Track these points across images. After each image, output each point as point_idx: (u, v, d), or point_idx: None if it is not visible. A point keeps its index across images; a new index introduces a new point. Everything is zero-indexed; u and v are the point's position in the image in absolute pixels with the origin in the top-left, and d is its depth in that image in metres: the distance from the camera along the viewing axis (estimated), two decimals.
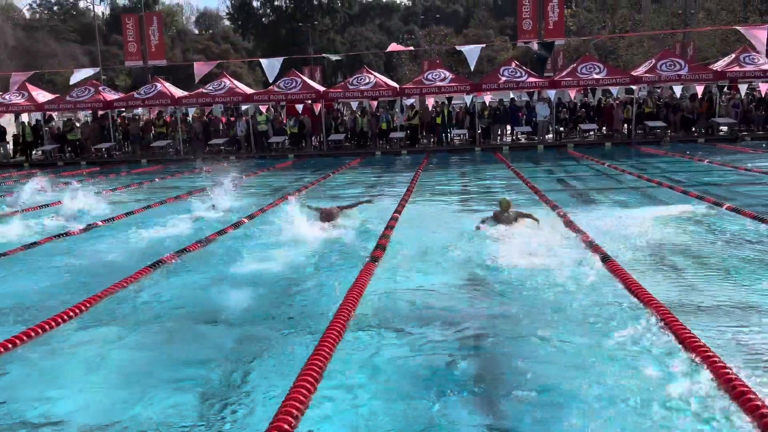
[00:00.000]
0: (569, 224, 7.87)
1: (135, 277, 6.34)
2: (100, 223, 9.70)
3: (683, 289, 5.34)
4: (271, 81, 23.24)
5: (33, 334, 4.84)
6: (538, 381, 3.71)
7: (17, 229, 9.10)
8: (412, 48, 34.60)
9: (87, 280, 6.49)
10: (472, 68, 26.41)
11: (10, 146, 25.12)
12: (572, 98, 25.17)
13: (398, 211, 9.48)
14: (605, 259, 6.07)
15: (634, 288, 5.14)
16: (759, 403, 3.19)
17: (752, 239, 6.91)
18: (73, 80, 24.04)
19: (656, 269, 5.94)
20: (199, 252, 7.55)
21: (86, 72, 26.05)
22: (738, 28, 22.55)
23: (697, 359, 3.74)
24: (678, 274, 5.78)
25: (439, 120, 23.02)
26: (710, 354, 3.75)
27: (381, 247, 7.13)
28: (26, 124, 24.89)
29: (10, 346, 4.59)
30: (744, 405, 3.22)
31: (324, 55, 33.16)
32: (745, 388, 3.33)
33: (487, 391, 3.68)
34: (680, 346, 3.99)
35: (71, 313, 5.27)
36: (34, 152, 24.70)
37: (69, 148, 24.60)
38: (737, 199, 9.40)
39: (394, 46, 25.68)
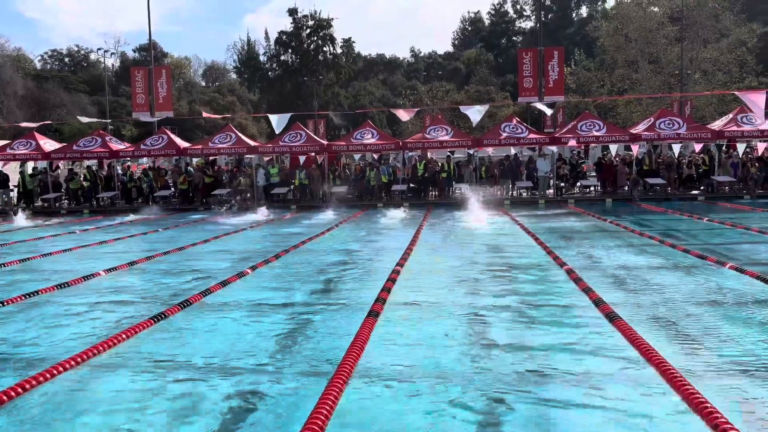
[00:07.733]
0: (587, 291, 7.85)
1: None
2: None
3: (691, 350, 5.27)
4: (277, 133, 23.75)
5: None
6: None
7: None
8: (417, 109, 35.66)
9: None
10: (474, 125, 26.97)
11: (14, 194, 25.27)
12: (572, 155, 25.44)
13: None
14: (612, 318, 6.03)
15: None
16: None
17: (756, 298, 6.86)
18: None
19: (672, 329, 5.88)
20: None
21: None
22: (736, 93, 23.03)
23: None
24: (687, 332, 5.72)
25: (444, 174, 23.22)
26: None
27: None
28: (23, 173, 25.14)
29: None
30: None
31: (329, 112, 34.24)
32: None
33: None
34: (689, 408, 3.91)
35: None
36: (35, 201, 24.83)
37: (67, 197, 24.75)
38: (739, 258, 9.37)
39: (401, 113, 26.70)
